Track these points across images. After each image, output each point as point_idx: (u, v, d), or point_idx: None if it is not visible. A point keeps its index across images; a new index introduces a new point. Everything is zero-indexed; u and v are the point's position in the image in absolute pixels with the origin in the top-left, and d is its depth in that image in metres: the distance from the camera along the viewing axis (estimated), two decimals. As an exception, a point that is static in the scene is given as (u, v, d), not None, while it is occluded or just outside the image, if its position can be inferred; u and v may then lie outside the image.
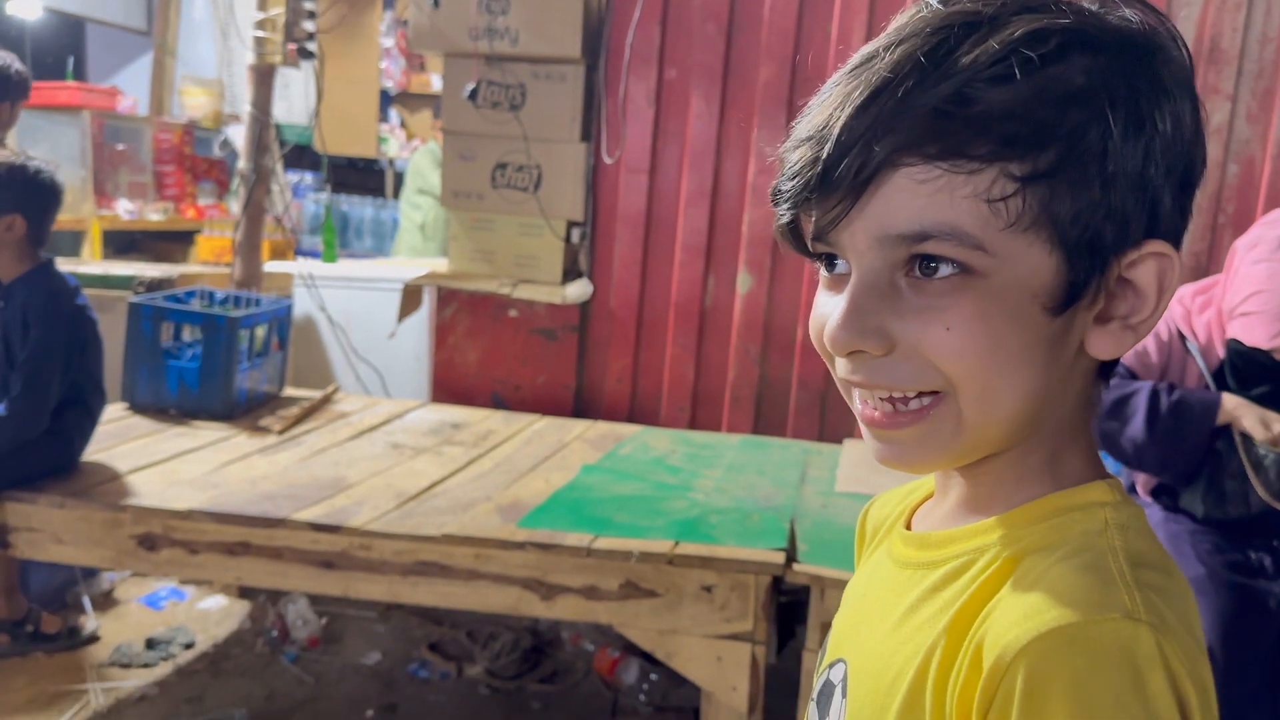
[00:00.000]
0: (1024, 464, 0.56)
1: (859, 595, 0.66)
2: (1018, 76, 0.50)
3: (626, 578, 1.93)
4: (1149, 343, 1.95)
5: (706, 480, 2.49)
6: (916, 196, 0.51)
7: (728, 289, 3.25)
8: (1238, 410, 1.83)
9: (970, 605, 0.52)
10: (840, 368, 0.56)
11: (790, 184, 0.54)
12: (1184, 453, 1.87)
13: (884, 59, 0.52)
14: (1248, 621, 1.78)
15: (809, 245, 0.57)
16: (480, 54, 3.20)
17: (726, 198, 3.23)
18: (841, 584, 1.90)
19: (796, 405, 3.21)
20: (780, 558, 1.93)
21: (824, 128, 0.53)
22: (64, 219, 2.55)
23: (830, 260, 0.57)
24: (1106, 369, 0.58)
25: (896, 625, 0.57)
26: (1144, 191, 0.52)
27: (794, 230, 0.57)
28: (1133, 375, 1.94)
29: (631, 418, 3.29)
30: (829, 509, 2.33)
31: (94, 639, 2.77)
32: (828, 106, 0.54)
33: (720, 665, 1.92)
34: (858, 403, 0.57)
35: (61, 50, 7.49)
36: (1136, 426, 1.85)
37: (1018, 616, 0.48)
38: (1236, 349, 1.85)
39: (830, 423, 3.19)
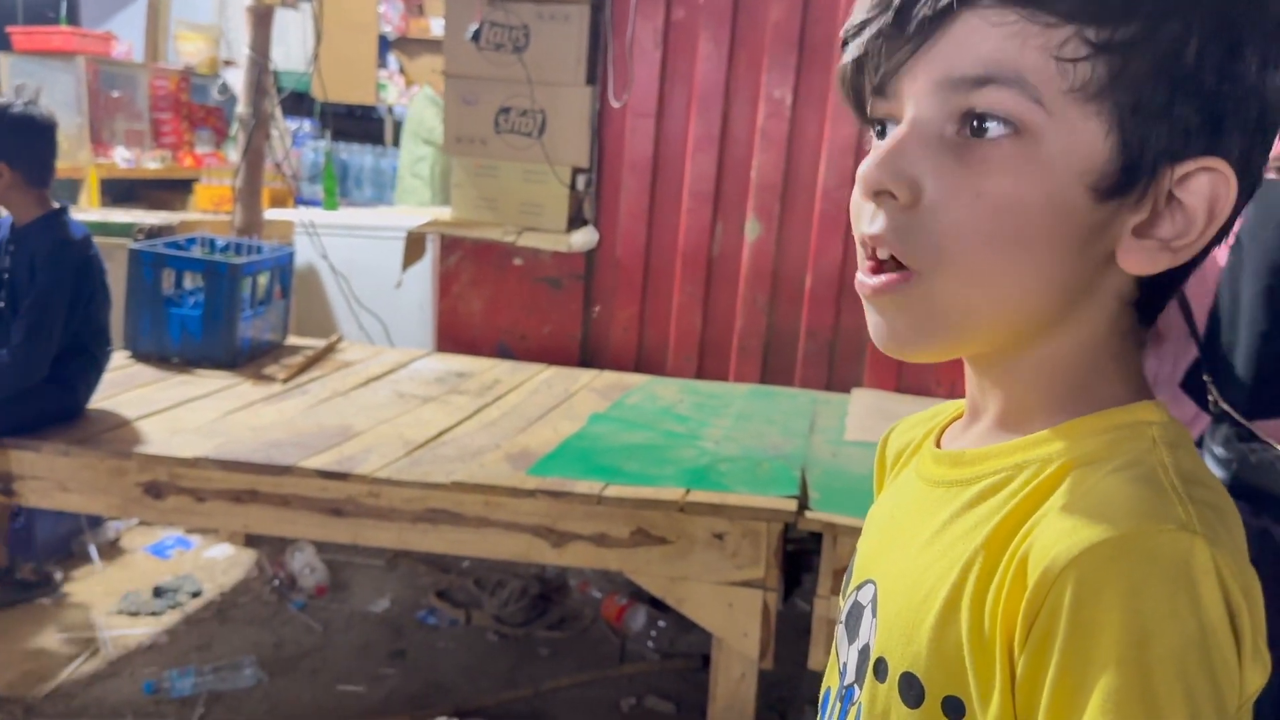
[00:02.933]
0: (1059, 380, 0.54)
1: (886, 517, 0.64)
2: None
3: (637, 525, 1.92)
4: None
5: (715, 429, 2.47)
6: (987, 39, 0.49)
7: (735, 236, 3.21)
8: None
9: (1011, 519, 0.50)
10: (864, 220, 0.54)
11: (864, 17, 0.53)
12: None
13: None
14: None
15: (867, 109, 0.55)
16: (483, -6, 3.13)
17: (735, 143, 3.17)
18: (854, 531, 1.88)
19: (805, 354, 3.19)
20: (793, 505, 1.92)
21: None
22: (61, 166, 2.49)
23: (884, 130, 0.55)
24: (1146, 310, 0.55)
25: (929, 542, 0.55)
26: (1215, 106, 0.49)
27: (854, 85, 0.55)
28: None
29: (638, 367, 3.26)
30: (839, 457, 2.31)
31: (59, 591, 2.78)
32: None
33: (731, 611, 1.92)
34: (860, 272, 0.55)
35: (53, -6, 7.35)
36: None
37: (1067, 528, 0.47)
38: None
39: (838, 372, 3.17)
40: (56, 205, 2.29)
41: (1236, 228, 1.70)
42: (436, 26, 5.46)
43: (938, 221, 0.51)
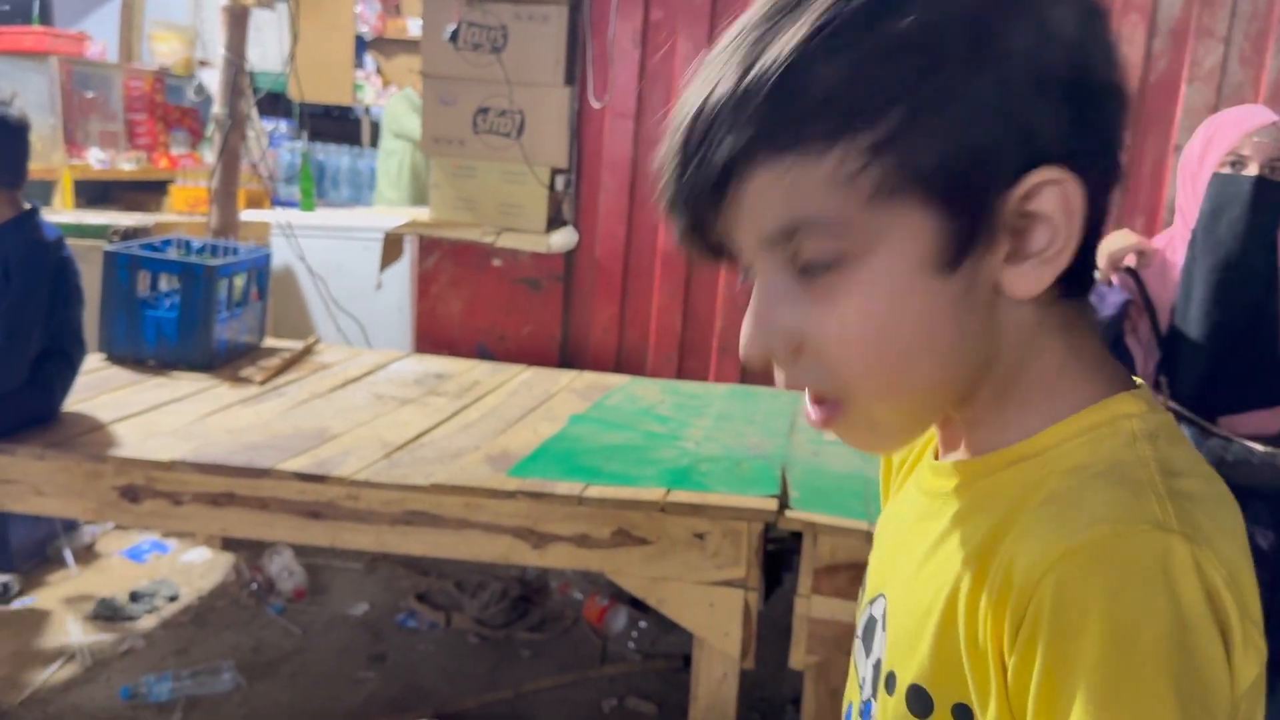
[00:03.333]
0: (1025, 400, 0.54)
1: (892, 529, 0.64)
2: (842, 44, 0.47)
3: (618, 525, 1.92)
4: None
5: (695, 429, 2.47)
6: (777, 192, 0.49)
7: (715, 237, 3.21)
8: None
9: (999, 528, 0.51)
10: (776, 373, 0.56)
11: (665, 197, 0.53)
12: None
13: (724, 54, 0.51)
14: None
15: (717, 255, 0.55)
16: (461, -6, 3.12)
17: (714, 144, 3.17)
18: (835, 530, 1.89)
19: (784, 354, 3.19)
20: (773, 504, 1.92)
21: (676, 139, 0.52)
22: (34, 168, 2.45)
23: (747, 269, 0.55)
24: (1071, 286, 0.53)
25: (928, 554, 0.56)
26: (1008, 119, 0.48)
27: (694, 245, 0.55)
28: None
29: (619, 368, 3.26)
30: (820, 456, 2.32)
31: (14, 600, 2.75)
32: (680, 113, 0.52)
33: (713, 611, 1.92)
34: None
35: (25, -6, 7.26)
36: None
37: (1047, 534, 0.47)
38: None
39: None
40: (28, 206, 2.26)
41: (1192, 223, 1.71)
42: (414, 27, 5.44)
43: (825, 359, 0.52)
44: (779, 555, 2.11)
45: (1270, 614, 0.52)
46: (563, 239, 3.24)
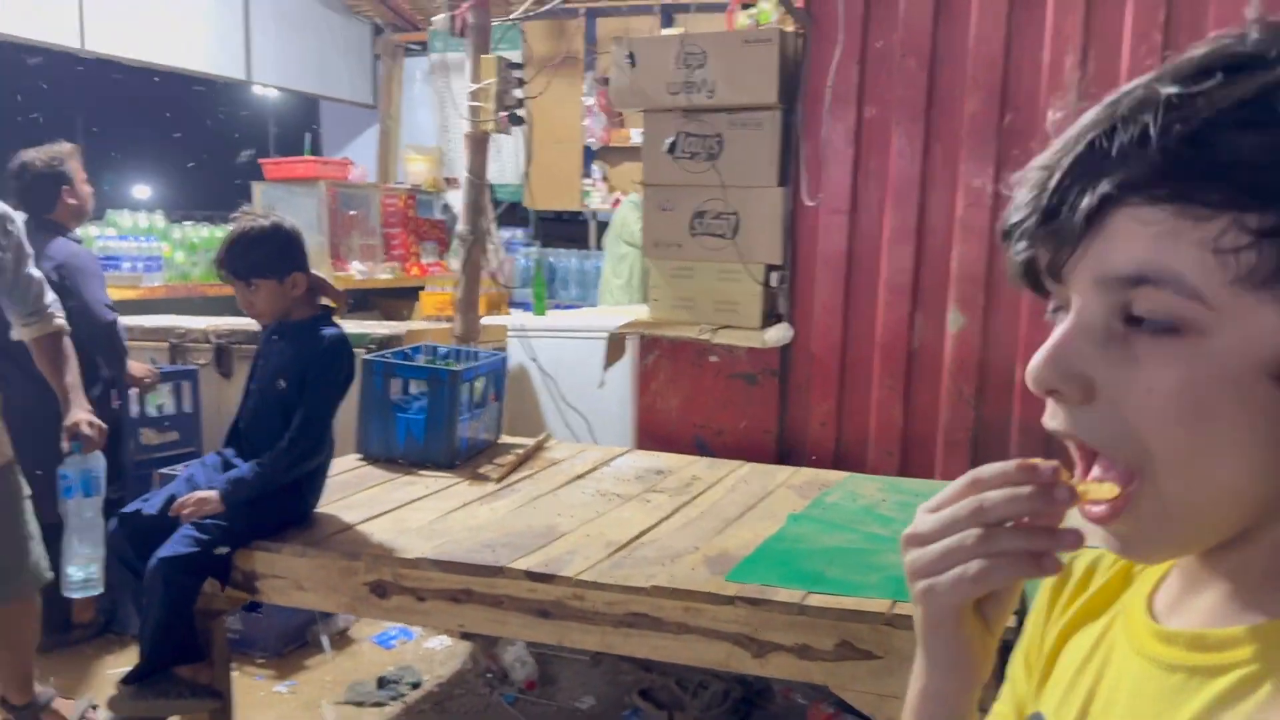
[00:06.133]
0: None
1: (1087, 684, 0.59)
2: (1267, 120, 0.46)
3: (841, 637, 1.87)
4: None
5: (921, 531, 2.38)
6: (1138, 238, 0.48)
7: (937, 328, 3.13)
8: None
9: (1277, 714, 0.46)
10: (1046, 412, 0.54)
11: (1018, 218, 0.53)
12: None
13: (1132, 94, 0.49)
14: None
15: (1045, 284, 0.55)
16: (679, 108, 3.27)
17: (933, 234, 3.12)
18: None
19: (1018, 450, 3.03)
20: (1010, 620, 1.81)
21: (1056, 160, 0.51)
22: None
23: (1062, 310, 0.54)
24: None
25: None
26: None
27: (1024, 277, 0.55)
28: None
29: (837, 464, 3.21)
30: (1057, 563, 2.17)
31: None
32: (1066, 139, 0.51)
33: (943, 731, 1.82)
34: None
35: (300, 126, 8.26)
36: None
37: None
38: None
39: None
40: (323, 307, 2.47)
41: None
42: (637, 136, 5.72)
43: (1124, 416, 0.50)
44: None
45: None
46: (778, 334, 3.26)
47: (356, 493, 2.65)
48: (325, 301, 2.49)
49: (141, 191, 15.35)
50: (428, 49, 5.94)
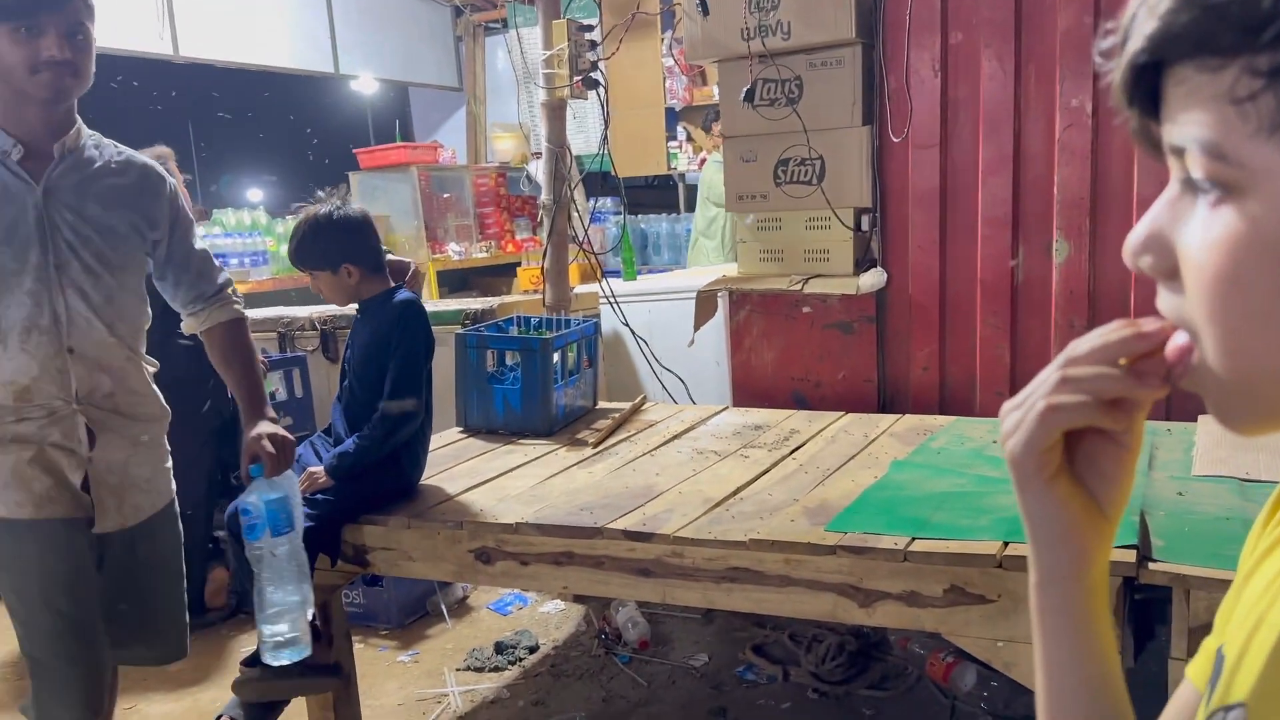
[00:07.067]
0: None
1: (1266, 604, 0.52)
2: None
3: (951, 582, 1.80)
4: None
5: (1032, 470, 2.28)
6: (1179, 103, 0.45)
7: (1042, 260, 2.98)
8: None
9: None
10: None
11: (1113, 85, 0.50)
12: None
13: None
14: None
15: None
16: (754, 54, 3.18)
17: (1032, 161, 2.96)
18: (1210, 583, 1.65)
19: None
20: (1131, 556, 1.72)
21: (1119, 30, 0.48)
22: (403, 265, 2.78)
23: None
24: None
25: None
26: None
27: (1140, 136, 0.51)
28: None
29: (942, 409, 3.10)
30: (1186, 497, 2.05)
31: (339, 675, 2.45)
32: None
33: (1063, 674, 1.74)
34: None
35: (393, 115, 8.43)
36: None
37: None
38: None
39: (1179, 398, 2.81)
40: (394, 284, 2.51)
41: None
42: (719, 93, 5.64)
43: (1187, 284, 0.48)
44: (1149, 605, 1.87)
45: None
46: (872, 279, 3.16)
47: (458, 464, 2.70)
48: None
49: (255, 195, 15.89)
50: (506, 25, 5.96)
